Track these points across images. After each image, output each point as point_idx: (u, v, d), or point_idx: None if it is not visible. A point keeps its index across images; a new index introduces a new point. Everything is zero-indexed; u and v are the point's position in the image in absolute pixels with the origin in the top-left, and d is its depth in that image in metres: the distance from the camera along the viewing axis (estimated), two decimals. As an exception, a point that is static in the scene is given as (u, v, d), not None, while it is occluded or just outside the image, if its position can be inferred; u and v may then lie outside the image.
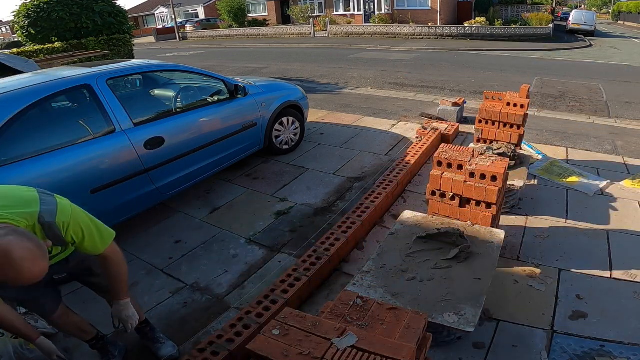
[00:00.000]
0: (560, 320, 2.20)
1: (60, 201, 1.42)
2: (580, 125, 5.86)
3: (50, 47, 8.65)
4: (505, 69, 11.42)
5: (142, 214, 3.21)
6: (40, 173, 2.44)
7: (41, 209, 1.33)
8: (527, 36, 19.83)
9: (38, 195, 1.37)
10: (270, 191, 3.82)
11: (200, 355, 1.91)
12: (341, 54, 15.26)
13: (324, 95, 7.95)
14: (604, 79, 9.90)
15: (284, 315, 1.38)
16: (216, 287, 2.61)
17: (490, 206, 2.38)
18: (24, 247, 1.14)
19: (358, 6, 26.15)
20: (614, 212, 3.28)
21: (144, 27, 42.70)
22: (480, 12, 25.23)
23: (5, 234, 1.14)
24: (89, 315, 2.10)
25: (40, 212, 1.32)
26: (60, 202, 1.41)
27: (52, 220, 1.34)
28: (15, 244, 1.13)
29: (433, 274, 2.03)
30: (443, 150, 2.52)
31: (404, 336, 1.33)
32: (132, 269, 2.75)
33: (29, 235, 1.19)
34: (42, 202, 1.35)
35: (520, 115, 3.46)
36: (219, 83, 3.82)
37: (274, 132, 4.37)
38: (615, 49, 17.05)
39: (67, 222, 1.39)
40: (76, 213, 1.45)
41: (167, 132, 3.11)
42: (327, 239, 2.80)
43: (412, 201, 3.60)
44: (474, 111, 5.95)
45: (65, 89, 2.73)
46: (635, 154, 4.59)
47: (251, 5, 33.20)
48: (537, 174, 3.93)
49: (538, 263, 2.67)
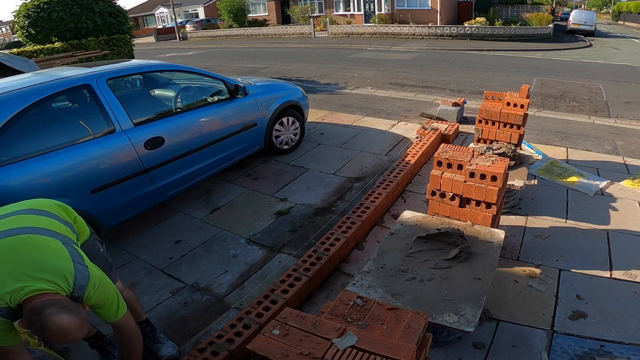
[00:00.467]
0: (560, 320, 2.20)
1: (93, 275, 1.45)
2: (580, 125, 5.87)
3: (50, 47, 8.65)
4: (505, 69, 11.42)
5: (142, 214, 3.21)
6: (41, 173, 2.44)
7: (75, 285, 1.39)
8: (527, 36, 19.83)
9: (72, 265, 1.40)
10: (270, 191, 3.82)
11: (200, 355, 1.91)
12: (341, 54, 15.26)
13: (324, 95, 7.95)
14: (604, 79, 9.90)
15: (284, 315, 1.38)
16: (216, 287, 2.61)
17: (490, 206, 2.38)
18: (75, 323, 1.30)
19: (358, 6, 26.15)
20: (614, 212, 3.28)
21: (144, 27, 42.71)
22: (480, 12, 25.24)
23: (57, 311, 1.29)
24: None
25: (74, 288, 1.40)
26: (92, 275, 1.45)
27: (81, 294, 1.43)
28: (67, 322, 1.28)
29: (433, 274, 2.03)
30: (443, 150, 2.52)
31: (404, 336, 1.33)
32: (132, 269, 2.77)
33: (75, 310, 1.34)
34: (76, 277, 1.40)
35: (520, 115, 3.46)
36: (219, 83, 3.82)
37: (274, 132, 4.37)
38: (615, 49, 17.05)
39: (91, 296, 1.46)
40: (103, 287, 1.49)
41: (167, 132, 3.11)
42: (327, 239, 2.80)
43: (412, 201, 3.60)
44: (474, 111, 5.95)
45: (65, 89, 2.73)
46: (635, 154, 4.59)
47: (251, 5, 33.21)
48: (537, 174, 3.93)
49: (538, 263, 2.67)
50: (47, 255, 1.37)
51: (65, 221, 1.60)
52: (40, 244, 1.39)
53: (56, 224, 1.52)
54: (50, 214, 1.55)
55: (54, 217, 1.56)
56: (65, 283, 1.36)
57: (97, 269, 1.50)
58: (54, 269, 1.35)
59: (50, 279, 1.32)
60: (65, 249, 1.42)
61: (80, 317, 1.34)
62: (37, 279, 1.30)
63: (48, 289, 1.31)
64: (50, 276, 1.32)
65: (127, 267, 2.82)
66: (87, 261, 1.48)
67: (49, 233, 1.45)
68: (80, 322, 1.32)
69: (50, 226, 1.49)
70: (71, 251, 1.44)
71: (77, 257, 1.44)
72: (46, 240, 1.41)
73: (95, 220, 2.69)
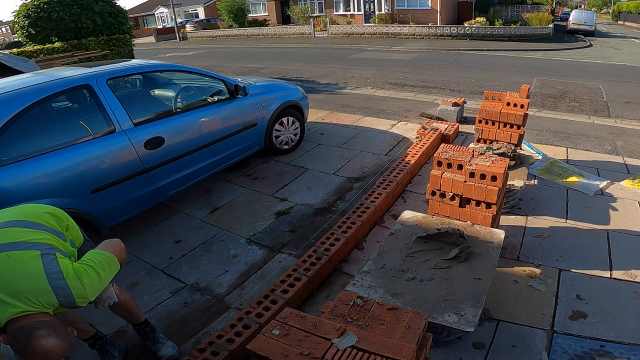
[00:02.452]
0: (560, 320, 2.20)
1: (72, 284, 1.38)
2: (580, 125, 5.87)
3: (50, 47, 8.64)
4: (505, 69, 11.42)
5: (142, 214, 3.21)
6: (41, 173, 2.44)
7: (59, 300, 1.37)
8: (527, 36, 19.83)
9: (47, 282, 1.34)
10: (270, 191, 3.82)
11: (200, 355, 1.91)
12: (341, 54, 15.26)
13: (324, 95, 7.95)
14: (604, 79, 9.90)
15: (284, 315, 1.38)
16: (216, 287, 2.61)
17: (490, 206, 2.38)
18: (61, 348, 1.30)
19: (358, 6, 26.15)
20: (614, 212, 3.28)
21: (144, 27, 42.70)
22: (480, 12, 25.23)
23: (48, 334, 1.29)
24: (88, 315, 2.11)
25: (60, 303, 1.38)
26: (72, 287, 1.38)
27: (73, 305, 1.42)
28: (54, 346, 1.28)
29: (433, 274, 2.03)
30: (443, 150, 2.52)
31: (404, 336, 1.33)
32: (132, 269, 2.77)
33: (64, 334, 1.34)
34: (56, 293, 1.35)
35: (520, 115, 3.46)
36: (219, 83, 3.82)
37: (274, 132, 4.37)
38: (615, 49, 17.05)
39: (87, 300, 1.45)
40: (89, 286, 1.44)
41: (167, 132, 3.11)
42: (327, 239, 2.80)
43: (412, 201, 3.60)
44: (474, 111, 5.95)
45: (65, 89, 2.73)
46: (635, 154, 4.59)
47: (251, 5, 33.21)
48: (537, 174, 3.93)
49: (538, 263, 2.67)
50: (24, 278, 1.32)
51: (54, 230, 1.53)
52: (17, 261, 1.33)
53: (39, 234, 1.45)
54: (36, 224, 1.48)
55: (41, 227, 1.49)
56: (49, 302, 1.35)
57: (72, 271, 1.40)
58: (32, 291, 1.32)
59: (32, 299, 1.31)
60: (41, 263, 1.36)
61: (68, 342, 1.34)
62: (20, 302, 1.29)
63: (32, 310, 1.31)
64: (31, 298, 1.31)
65: (127, 267, 2.81)
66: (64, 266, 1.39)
67: (28, 245, 1.38)
68: (65, 347, 1.32)
69: (32, 238, 1.42)
70: (46, 264, 1.36)
71: (52, 269, 1.36)
72: (24, 256, 1.35)
73: (96, 220, 2.70)
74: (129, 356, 2.11)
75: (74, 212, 2.42)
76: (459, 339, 2.09)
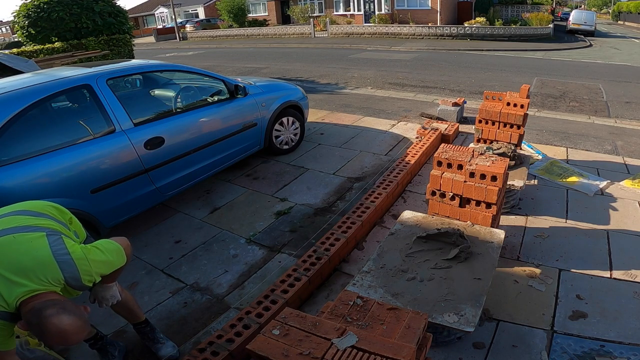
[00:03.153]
0: (560, 320, 2.20)
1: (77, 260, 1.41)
2: (580, 125, 5.87)
3: (50, 47, 8.64)
4: (505, 69, 11.42)
5: (142, 214, 3.21)
6: (41, 173, 2.44)
7: (65, 276, 1.37)
8: (527, 36, 19.83)
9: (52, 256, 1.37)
10: (270, 191, 3.82)
11: (200, 355, 1.91)
12: (341, 54, 15.26)
13: (324, 95, 7.95)
14: (604, 79, 9.90)
15: (284, 315, 1.38)
16: (216, 287, 2.61)
17: (490, 206, 2.38)
18: (76, 325, 1.28)
19: (358, 6, 26.14)
20: (614, 212, 3.28)
21: (144, 27, 42.70)
22: (480, 12, 25.23)
23: (57, 312, 1.26)
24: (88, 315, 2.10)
25: (65, 280, 1.38)
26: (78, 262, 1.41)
27: (79, 284, 1.42)
28: (67, 323, 1.26)
29: (433, 274, 2.03)
30: (443, 150, 2.52)
31: (404, 336, 1.33)
32: (132, 269, 2.77)
33: (76, 311, 1.31)
34: (62, 268, 1.37)
35: (520, 115, 3.46)
36: (219, 83, 3.82)
37: (274, 132, 4.37)
38: (615, 49, 17.05)
39: (93, 279, 1.46)
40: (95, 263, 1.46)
41: (167, 132, 3.11)
42: (327, 239, 2.80)
43: (412, 201, 3.60)
44: (474, 111, 5.95)
45: (65, 89, 2.73)
46: (635, 154, 4.59)
47: (251, 5, 33.21)
48: (537, 174, 3.93)
49: (538, 263, 2.67)
50: (29, 254, 1.35)
51: (58, 220, 1.58)
52: (22, 241, 1.37)
53: (44, 220, 1.50)
54: (41, 213, 1.53)
55: (45, 216, 1.54)
56: (55, 278, 1.34)
57: (79, 248, 1.45)
58: (38, 267, 1.33)
59: (39, 276, 1.31)
60: (46, 241, 1.39)
61: (82, 319, 1.32)
62: (27, 279, 1.29)
63: (40, 289, 1.30)
64: (38, 274, 1.31)
65: (127, 267, 2.78)
66: (70, 244, 1.44)
67: (33, 228, 1.43)
68: (81, 324, 1.30)
69: (36, 223, 1.46)
70: (52, 241, 1.40)
71: (57, 247, 1.40)
72: (29, 236, 1.39)
73: (96, 220, 2.70)
74: (129, 356, 2.11)
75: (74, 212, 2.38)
76: (459, 339, 2.09)
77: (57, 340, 1.26)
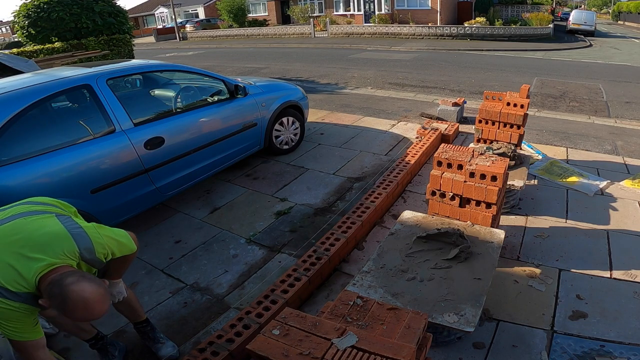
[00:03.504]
0: (560, 320, 2.20)
1: (90, 232, 1.47)
2: (580, 125, 5.87)
3: (50, 47, 8.64)
4: (505, 69, 11.42)
5: (142, 214, 3.21)
6: (41, 173, 2.44)
7: (79, 248, 1.40)
8: (527, 36, 19.83)
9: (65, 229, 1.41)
10: (270, 191, 3.82)
11: (200, 355, 1.91)
12: (341, 54, 15.26)
13: (324, 95, 7.95)
14: (604, 79, 9.90)
15: (284, 315, 1.38)
16: (216, 287, 2.61)
17: (490, 206, 2.38)
18: (97, 293, 1.27)
19: (358, 6, 26.14)
20: (614, 212, 3.28)
21: (144, 27, 42.69)
22: (480, 12, 25.22)
23: (77, 280, 1.25)
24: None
25: (80, 253, 1.40)
26: (91, 234, 1.46)
27: (94, 257, 1.43)
28: (89, 291, 1.25)
29: (433, 274, 2.03)
30: (443, 150, 2.52)
31: (404, 336, 1.33)
32: (132, 268, 2.76)
33: (96, 280, 1.31)
34: (76, 240, 1.40)
35: (520, 115, 3.46)
36: (219, 83, 3.82)
37: (274, 132, 4.37)
38: (615, 49, 17.05)
39: (106, 253, 1.48)
40: (106, 238, 1.52)
41: (167, 132, 3.11)
42: (327, 239, 2.80)
43: (412, 201, 3.60)
44: (474, 111, 5.95)
45: (65, 89, 2.73)
46: (635, 154, 4.59)
47: (251, 5, 33.19)
48: (537, 174, 3.93)
49: (538, 263, 2.67)
50: (42, 230, 1.38)
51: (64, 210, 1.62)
52: (34, 221, 1.41)
53: (50, 207, 1.54)
54: (46, 204, 1.58)
55: (50, 205, 1.58)
56: (70, 251, 1.36)
57: (90, 224, 1.52)
58: (52, 241, 1.35)
59: (55, 249, 1.33)
60: (57, 219, 1.44)
61: (102, 287, 1.31)
62: (43, 254, 1.30)
63: (58, 262, 1.31)
64: (54, 248, 1.33)
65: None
66: (81, 221, 1.51)
67: (41, 212, 1.47)
68: (102, 292, 1.29)
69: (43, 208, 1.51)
70: (62, 219, 1.45)
71: (68, 223, 1.45)
72: (39, 217, 1.43)
73: (96, 220, 2.69)
74: (129, 356, 2.11)
75: (74, 212, 2.42)
76: (459, 339, 2.09)
77: (81, 311, 1.24)
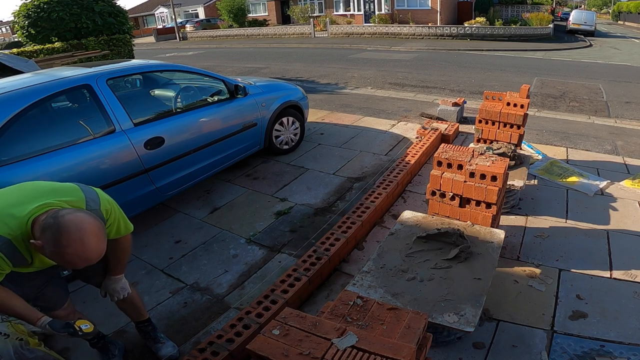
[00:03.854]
0: (560, 320, 2.20)
1: (98, 190, 1.51)
2: (580, 125, 5.86)
3: (50, 47, 8.64)
4: (505, 69, 11.42)
5: (142, 214, 3.21)
6: (41, 173, 2.43)
7: (86, 196, 1.40)
8: (527, 36, 19.83)
9: (77, 185, 1.45)
10: (270, 191, 3.82)
11: (200, 355, 1.91)
12: (341, 54, 15.26)
13: (324, 95, 7.95)
14: (604, 79, 9.90)
15: (284, 315, 1.38)
16: (216, 287, 2.61)
17: (490, 206, 2.38)
18: (94, 224, 1.20)
19: (358, 6, 26.14)
20: (614, 212, 3.28)
21: (144, 27, 42.68)
22: (480, 12, 25.22)
23: (74, 211, 1.19)
24: (88, 315, 2.10)
25: (86, 200, 1.39)
26: (98, 191, 1.51)
27: (98, 208, 1.41)
28: (87, 221, 1.18)
29: (433, 274, 2.03)
30: (443, 150, 2.52)
31: (404, 336, 1.33)
32: (132, 268, 2.77)
33: (94, 214, 1.26)
34: (84, 190, 1.42)
35: (520, 115, 3.46)
36: (219, 83, 3.82)
37: (274, 132, 4.37)
38: (615, 49, 17.05)
39: (109, 210, 1.48)
40: (112, 200, 1.56)
41: (167, 132, 3.11)
42: (327, 239, 2.80)
43: (412, 201, 3.60)
44: (474, 111, 5.95)
45: (65, 89, 2.73)
46: (635, 154, 4.59)
47: (251, 5, 33.19)
48: (537, 174, 3.93)
49: (538, 263, 2.67)
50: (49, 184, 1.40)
51: None
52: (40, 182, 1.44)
53: None
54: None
55: None
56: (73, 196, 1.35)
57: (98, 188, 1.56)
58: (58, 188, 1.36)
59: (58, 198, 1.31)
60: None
61: (100, 222, 1.23)
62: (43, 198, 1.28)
63: (54, 204, 1.27)
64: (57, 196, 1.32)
65: (127, 267, 2.80)
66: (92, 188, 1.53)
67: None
68: (99, 226, 1.22)
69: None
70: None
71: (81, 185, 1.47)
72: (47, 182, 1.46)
73: (95, 220, 2.70)
74: (129, 356, 2.11)
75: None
76: (459, 339, 2.09)
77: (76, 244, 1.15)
